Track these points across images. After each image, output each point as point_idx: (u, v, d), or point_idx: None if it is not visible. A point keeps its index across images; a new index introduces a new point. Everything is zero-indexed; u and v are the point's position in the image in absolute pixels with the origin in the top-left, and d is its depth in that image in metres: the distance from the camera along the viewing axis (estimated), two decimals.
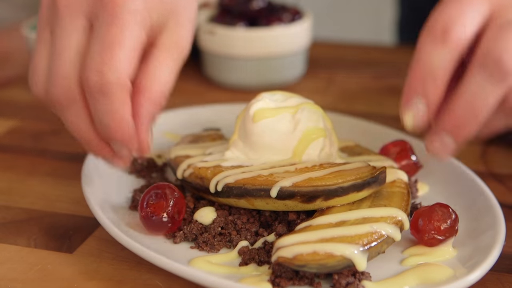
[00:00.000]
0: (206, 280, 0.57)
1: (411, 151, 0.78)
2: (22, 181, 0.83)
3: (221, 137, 0.81)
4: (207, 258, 0.63)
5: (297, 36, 1.14)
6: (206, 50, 1.16)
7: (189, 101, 1.08)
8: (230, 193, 0.67)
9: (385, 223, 0.61)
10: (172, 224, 0.66)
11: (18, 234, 0.71)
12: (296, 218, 0.67)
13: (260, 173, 0.67)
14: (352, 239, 0.59)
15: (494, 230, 0.64)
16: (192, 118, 0.92)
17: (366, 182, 0.64)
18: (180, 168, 0.72)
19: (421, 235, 0.64)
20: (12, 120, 1.03)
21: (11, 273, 0.64)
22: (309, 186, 0.64)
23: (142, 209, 0.65)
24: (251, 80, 1.14)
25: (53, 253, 0.68)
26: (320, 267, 0.58)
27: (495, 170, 0.86)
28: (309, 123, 0.69)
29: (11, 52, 1.36)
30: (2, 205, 0.77)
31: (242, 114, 0.73)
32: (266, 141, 0.69)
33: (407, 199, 0.67)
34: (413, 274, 0.60)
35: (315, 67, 1.27)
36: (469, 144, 0.93)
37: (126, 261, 0.66)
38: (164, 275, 0.63)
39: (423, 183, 0.77)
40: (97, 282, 0.63)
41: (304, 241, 0.59)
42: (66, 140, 0.95)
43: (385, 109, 1.08)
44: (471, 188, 0.73)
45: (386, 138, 0.83)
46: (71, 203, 0.77)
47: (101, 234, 0.70)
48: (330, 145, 0.71)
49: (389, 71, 1.27)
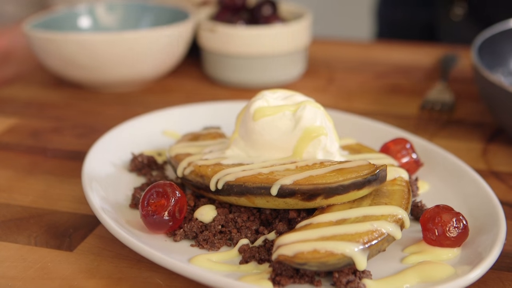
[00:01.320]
0: (206, 278, 0.57)
1: (412, 149, 0.78)
2: (22, 179, 0.83)
3: (221, 135, 0.81)
4: (208, 256, 0.63)
5: (297, 35, 1.13)
6: (206, 48, 1.16)
7: (189, 99, 1.08)
8: (231, 191, 0.67)
9: (385, 221, 0.61)
10: (173, 223, 0.66)
11: (18, 232, 0.71)
12: (297, 216, 0.66)
13: (261, 171, 0.67)
14: (353, 237, 0.59)
15: (494, 228, 0.64)
16: (192, 116, 0.92)
17: (366, 180, 0.64)
18: (181, 166, 0.72)
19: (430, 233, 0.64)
20: (12, 118, 1.03)
21: (11, 271, 0.64)
22: (309, 184, 0.64)
23: (143, 208, 0.65)
24: (251, 78, 1.13)
25: (53, 251, 0.68)
26: (321, 265, 0.58)
27: (496, 168, 0.86)
28: (310, 121, 0.69)
29: (12, 50, 1.36)
30: (2, 203, 0.77)
31: (242, 113, 0.73)
32: (266, 139, 0.69)
33: (408, 197, 0.67)
34: (414, 272, 0.60)
35: (315, 65, 1.27)
36: (470, 142, 0.93)
37: (126, 259, 0.66)
38: (164, 273, 0.63)
39: (423, 181, 0.77)
40: (97, 280, 0.63)
41: (304, 239, 0.59)
42: (67, 138, 0.95)
43: (385, 107, 1.08)
44: (472, 186, 0.73)
45: (386, 136, 0.83)
46: (71, 201, 0.77)
47: (102, 232, 0.70)
48: (331, 143, 0.70)
49: (389, 70, 1.27)
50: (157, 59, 1.10)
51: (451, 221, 0.63)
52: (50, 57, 1.08)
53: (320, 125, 0.69)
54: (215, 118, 0.91)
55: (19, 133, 0.97)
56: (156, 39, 1.07)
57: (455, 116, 1.03)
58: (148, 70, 1.11)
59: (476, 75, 0.94)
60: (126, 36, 1.05)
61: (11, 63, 1.32)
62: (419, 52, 1.37)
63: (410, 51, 1.39)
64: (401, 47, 1.42)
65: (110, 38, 1.04)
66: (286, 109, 0.70)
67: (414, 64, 1.30)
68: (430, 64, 1.29)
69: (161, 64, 1.12)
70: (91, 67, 1.07)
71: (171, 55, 1.12)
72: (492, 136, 0.96)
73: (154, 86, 1.17)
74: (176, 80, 1.20)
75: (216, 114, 0.92)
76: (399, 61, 1.32)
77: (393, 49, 1.41)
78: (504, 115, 0.90)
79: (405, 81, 1.20)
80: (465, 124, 1.00)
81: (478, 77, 0.93)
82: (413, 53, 1.37)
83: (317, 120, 0.69)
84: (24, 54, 1.33)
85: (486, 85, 0.90)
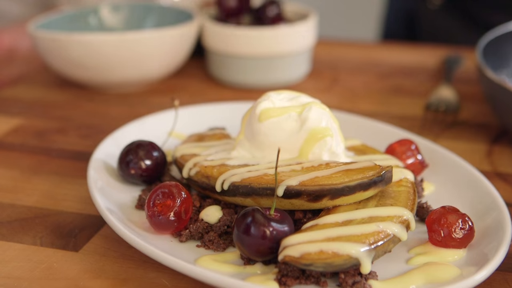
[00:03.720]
0: (212, 278, 0.57)
1: (417, 150, 0.78)
2: (27, 180, 0.83)
3: (227, 136, 0.81)
4: (213, 256, 0.63)
5: (301, 36, 1.13)
6: (210, 49, 1.16)
7: (194, 100, 1.08)
8: (236, 191, 0.67)
9: (391, 222, 0.61)
10: (178, 223, 0.66)
11: (23, 233, 0.71)
12: (303, 217, 0.66)
13: (266, 172, 0.67)
14: (359, 238, 0.59)
15: (500, 229, 0.64)
16: (197, 117, 0.92)
17: (372, 181, 0.64)
18: (186, 167, 0.72)
19: (436, 234, 0.64)
20: (17, 118, 1.03)
21: (17, 271, 0.64)
22: (315, 185, 0.64)
23: (149, 208, 0.65)
24: (256, 79, 1.13)
25: (59, 251, 0.68)
26: (327, 266, 0.58)
27: (501, 170, 0.86)
28: (316, 123, 0.69)
29: (17, 50, 1.36)
30: (8, 203, 0.77)
31: (248, 114, 0.73)
32: (272, 140, 0.69)
33: (414, 199, 0.67)
34: (420, 273, 0.60)
35: (320, 66, 1.27)
36: (474, 143, 0.93)
37: (131, 260, 0.66)
38: (170, 273, 0.63)
39: (429, 182, 0.77)
40: (103, 280, 0.63)
41: (310, 240, 0.59)
42: (72, 139, 0.95)
43: (390, 108, 1.08)
44: (477, 188, 0.73)
45: (392, 137, 0.83)
46: (76, 202, 0.77)
47: (107, 232, 0.70)
48: (337, 145, 0.70)
49: (394, 71, 1.27)
50: (162, 60, 1.10)
51: (457, 222, 0.63)
52: (55, 58, 1.08)
53: (326, 126, 0.69)
54: (220, 119, 0.91)
55: (23, 134, 0.97)
56: (160, 39, 1.07)
57: (460, 117, 1.03)
58: (153, 71, 1.11)
59: (481, 76, 0.94)
60: (131, 37, 1.05)
61: (16, 63, 1.32)
62: (423, 53, 1.37)
63: (414, 52, 1.39)
64: (405, 48, 1.42)
65: (114, 39, 1.05)
66: (292, 110, 0.70)
67: (419, 65, 1.30)
68: (434, 65, 1.29)
69: (165, 64, 1.12)
70: (96, 68, 1.07)
71: (175, 55, 1.12)
72: (496, 137, 0.96)
73: (158, 86, 1.17)
74: (181, 80, 1.20)
75: (221, 115, 0.92)
76: (403, 62, 1.32)
77: (397, 50, 1.41)
78: (508, 116, 0.90)
79: (410, 82, 1.20)
80: (469, 125, 1.00)
81: (483, 78, 0.93)
82: (417, 54, 1.37)
83: (323, 121, 0.69)
84: (29, 54, 1.33)
85: (491, 86, 0.90)
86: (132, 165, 0.74)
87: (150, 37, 1.07)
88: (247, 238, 0.60)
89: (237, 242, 0.61)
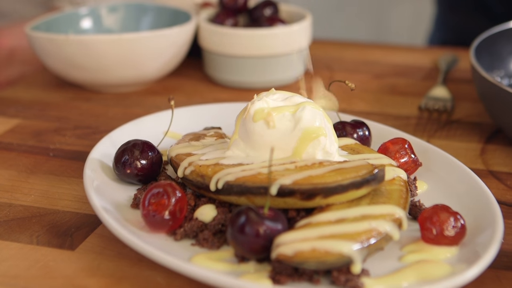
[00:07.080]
0: (206, 277, 0.58)
1: (410, 149, 0.78)
2: (24, 179, 0.84)
3: (222, 136, 0.82)
4: (208, 255, 0.64)
5: (297, 36, 1.14)
6: (207, 49, 1.16)
7: (190, 100, 1.09)
8: (231, 190, 0.68)
9: (384, 220, 0.62)
10: (173, 222, 0.66)
11: (20, 232, 0.72)
12: (296, 216, 0.67)
13: (260, 171, 0.67)
14: (351, 236, 0.60)
15: (492, 227, 0.65)
16: (193, 116, 0.92)
17: (365, 180, 0.65)
18: (181, 166, 0.73)
19: (428, 231, 0.65)
20: (15, 118, 1.04)
21: (14, 270, 0.65)
22: (308, 183, 0.64)
23: (144, 207, 0.66)
24: (252, 79, 1.14)
25: (55, 250, 0.68)
26: (320, 264, 0.58)
27: (494, 168, 0.87)
28: (309, 122, 0.69)
29: (16, 51, 1.37)
30: (5, 202, 0.78)
31: (242, 114, 0.73)
32: (266, 140, 0.70)
33: (406, 197, 0.67)
34: (412, 270, 0.61)
35: (315, 66, 1.28)
36: (468, 142, 0.94)
37: (127, 258, 0.66)
38: (165, 272, 0.64)
39: (422, 181, 0.78)
40: (99, 278, 0.64)
41: (303, 238, 0.60)
42: (69, 139, 0.96)
43: (385, 108, 1.08)
44: (470, 186, 0.73)
45: (385, 136, 0.83)
46: (73, 201, 0.78)
47: (103, 231, 0.71)
48: (330, 144, 0.71)
49: (388, 70, 1.28)
50: (158, 60, 1.11)
51: (449, 220, 0.64)
52: (52, 58, 1.09)
53: (320, 125, 0.70)
54: (216, 118, 0.91)
55: (21, 134, 0.98)
56: (157, 40, 1.08)
57: (454, 117, 1.04)
58: (150, 71, 1.12)
59: (475, 75, 0.95)
60: (128, 37, 1.06)
61: (15, 64, 1.33)
62: (417, 53, 1.38)
63: (408, 52, 1.40)
64: (399, 48, 1.43)
65: (111, 39, 1.05)
66: (286, 110, 0.70)
67: (413, 64, 1.30)
68: (429, 64, 1.29)
69: (162, 65, 1.13)
70: (93, 68, 1.07)
71: (172, 56, 1.13)
72: (490, 136, 0.96)
73: (155, 87, 1.17)
74: (177, 81, 1.21)
75: (217, 114, 0.92)
76: (398, 62, 1.33)
77: (392, 50, 1.42)
78: (502, 115, 0.90)
79: (404, 82, 1.21)
80: (463, 125, 1.01)
81: (477, 77, 0.94)
82: (412, 54, 1.38)
83: (317, 121, 0.70)
84: (27, 55, 1.33)
85: (484, 85, 0.91)
86: (127, 164, 0.75)
87: (147, 38, 1.07)
88: (241, 236, 0.61)
89: (231, 241, 0.62)
